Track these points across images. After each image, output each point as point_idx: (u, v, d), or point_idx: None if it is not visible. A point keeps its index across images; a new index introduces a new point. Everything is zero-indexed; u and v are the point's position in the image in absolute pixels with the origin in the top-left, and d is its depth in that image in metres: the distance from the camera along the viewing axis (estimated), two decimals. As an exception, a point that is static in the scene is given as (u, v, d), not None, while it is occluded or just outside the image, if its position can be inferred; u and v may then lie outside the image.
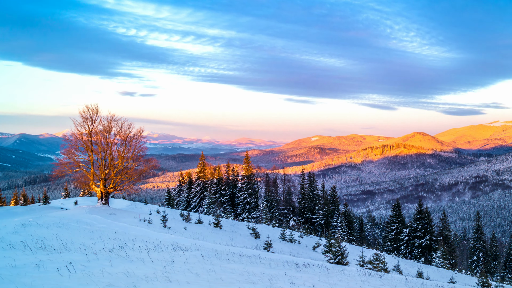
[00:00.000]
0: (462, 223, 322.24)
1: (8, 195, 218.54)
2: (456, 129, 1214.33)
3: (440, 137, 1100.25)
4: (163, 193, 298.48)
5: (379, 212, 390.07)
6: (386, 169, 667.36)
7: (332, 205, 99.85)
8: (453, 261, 79.25)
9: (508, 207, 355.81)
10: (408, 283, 24.00)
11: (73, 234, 25.15)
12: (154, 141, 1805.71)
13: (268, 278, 17.46)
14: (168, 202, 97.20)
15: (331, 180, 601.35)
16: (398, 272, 39.18)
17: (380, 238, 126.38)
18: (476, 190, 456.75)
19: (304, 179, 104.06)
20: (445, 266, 63.90)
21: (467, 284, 42.96)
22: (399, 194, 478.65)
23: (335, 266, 27.10)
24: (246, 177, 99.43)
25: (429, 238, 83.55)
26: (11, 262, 14.85)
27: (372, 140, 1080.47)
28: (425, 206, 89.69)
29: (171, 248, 23.23)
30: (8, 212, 51.02)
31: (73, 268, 14.66)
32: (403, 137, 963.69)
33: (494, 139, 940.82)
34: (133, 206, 73.75)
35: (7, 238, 21.05)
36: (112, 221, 36.35)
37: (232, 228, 57.21)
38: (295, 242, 55.29)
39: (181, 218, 57.24)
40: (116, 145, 56.02)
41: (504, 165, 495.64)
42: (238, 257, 23.61)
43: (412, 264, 65.01)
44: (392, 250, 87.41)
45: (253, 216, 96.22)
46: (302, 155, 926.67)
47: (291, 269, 22.07)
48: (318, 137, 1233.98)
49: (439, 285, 26.76)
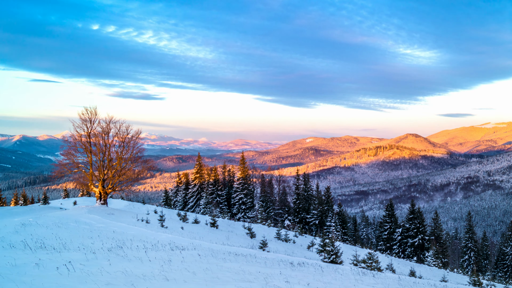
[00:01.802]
0: (454, 223, 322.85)
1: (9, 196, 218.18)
2: (448, 131, 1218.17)
3: (433, 138, 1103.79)
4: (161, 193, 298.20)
5: (373, 212, 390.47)
6: (379, 170, 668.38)
7: (327, 205, 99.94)
8: (445, 260, 79.41)
9: (499, 207, 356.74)
10: (401, 282, 24.03)
11: (72, 233, 25.12)
12: (151, 142, 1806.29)
13: (263, 277, 17.49)
14: (165, 202, 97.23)
15: (326, 180, 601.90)
16: (391, 271, 39.23)
17: (373, 237, 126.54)
18: (468, 191, 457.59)
19: (298, 180, 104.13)
20: (437, 265, 64.00)
21: (459, 282, 43.05)
22: (392, 195, 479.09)
23: (329, 265, 27.12)
24: (242, 178, 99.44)
25: (421, 237, 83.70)
26: (11, 261, 14.85)
27: (365, 141, 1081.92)
28: (417, 206, 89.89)
29: (168, 248, 23.23)
30: (9, 212, 50.87)
31: (72, 267, 14.67)
32: (396, 139, 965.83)
33: (485, 141, 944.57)
34: (131, 206, 73.66)
35: (7, 238, 21.02)
36: (110, 221, 36.30)
37: (228, 228, 57.23)
38: (290, 241, 55.29)
39: (178, 218, 57.24)
40: (115, 146, 55.99)
41: (495, 166, 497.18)
42: (234, 256, 23.62)
43: (405, 263, 65.06)
44: (385, 250, 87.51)
45: (249, 216, 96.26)
46: (297, 156, 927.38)
47: (286, 268, 22.09)
48: (313, 139, 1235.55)
49: (431, 283, 26.79)
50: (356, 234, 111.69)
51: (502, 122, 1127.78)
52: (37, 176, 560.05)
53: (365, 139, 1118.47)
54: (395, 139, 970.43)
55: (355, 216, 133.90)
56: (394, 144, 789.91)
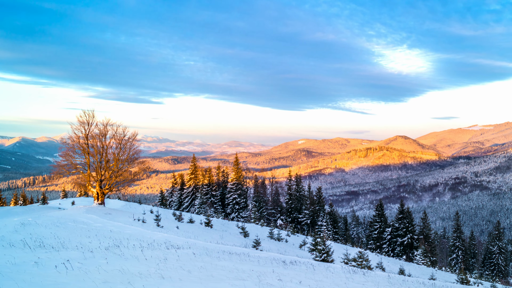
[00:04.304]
0: (442, 222, 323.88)
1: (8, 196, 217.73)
2: (437, 133, 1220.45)
3: (422, 140, 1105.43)
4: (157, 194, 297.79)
5: (363, 212, 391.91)
6: (369, 171, 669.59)
7: (318, 205, 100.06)
8: (433, 258, 79.59)
9: (486, 207, 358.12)
10: (390, 280, 24.12)
11: (70, 233, 25.09)
12: (147, 144, 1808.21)
13: (256, 275, 17.53)
14: (161, 202, 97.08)
15: (317, 181, 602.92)
16: (381, 269, 39.32)
17: (363, 236, 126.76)
18: (456, 191, 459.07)
19: (291, 181, 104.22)
20: (426, 264, 64.19)
21: (447, 280, 43.16)
22: (382, 195, 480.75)
23: (320, 263, 27.18)
24: (236, 178, 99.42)
25: (410, 236, 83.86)
26: (11, 260, 14.85)
27: (356, 143, 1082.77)
28: (406, 206, 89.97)
29: (164, 246, 23.23)
30: (8, 212, 50.72)
31: (71, 265, 14.68)
32: (386, 140, 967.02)
33: (473, 142, 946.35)
34: (128, 206, 73.51)
35: (7, 237, 20.98)
36: (107, 221, 36.26)
37: (223, 227, 57.20)
38: (283, 240, 55.30)
39: (173, 217, 57.18)
40: (112, 148, 55.95)
41: (482, 167, 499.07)
42: (228, 255, 23.65)
43: (394, 261, 65.15)
44: (375, 248, 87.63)
45: (243, 215, 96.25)
46: (289, 157, 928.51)
47: (278, 266, 22.14)
48: (305, 140, 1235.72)
49: (420, 281, 26.91)
50: (347, 234, 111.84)
51: (489, 124, 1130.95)
52: (36, 177, 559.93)
53: (356, 141, 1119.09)
54: (385, 140, 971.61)
55: (346, 216, 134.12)
56: (384, 145, 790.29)
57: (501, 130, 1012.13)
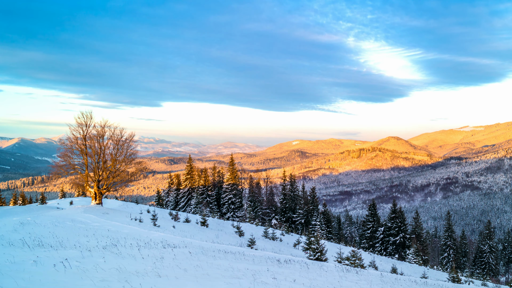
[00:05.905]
0: (434, 222, 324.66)
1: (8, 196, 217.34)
2: (428, 134, 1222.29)
3: (413, 141, 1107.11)
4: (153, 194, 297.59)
5: (356, 212, 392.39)
6: (362, 171, 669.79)
7: (312, 205, 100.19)
8: (425, 257, 79.82)
9: (477, 207, 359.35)
10: (383, 278, 24.19)
11: (68, 232, 25.07)
12: (144, 145, 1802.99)
13: (251, 274, 17.57)
14: (158, 202, 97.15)
15: (311, 181, 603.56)
16: (374, 268, 39.42)
17: (357, 236, 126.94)
18: (447, 191, 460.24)
19: (285, 181, 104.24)
20: (417, 262, 64.39)
21: (439, 279, 43.27)
22: (374, 195, 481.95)
23: (314, 262, 27.22)
24: (231, 179, 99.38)
25: (402, 236, 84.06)
26: (10, 259, 14.85)
27: (349, 144, 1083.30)
28: (399, 206, 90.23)
29: (160, 246, 23.24)
30: (8, 212, 50.67)
31: (69, 264, 14.70)
32: (379, 141, 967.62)
33: (464, 143, 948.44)
34: (125, 206, 73.42)
35: (6, 236, 20.96)
36: (105, 220, 36.21)
37: (218, 227, 57.26)
38: (277, 239, 55.37)
39: (170, 217, 57.20)
40: (109, 148, 55.84)
41: (473, 168, 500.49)
42: (224, 254, 23.67)
43: (387, 260, 65.31)
44: (368, 248, 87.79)
45: (238, 215, 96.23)
46: (284, 158, 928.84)
47: (273, 265, 22.17)
48: (299, 141, 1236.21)
49: (412, 280, 26.99)
50: (340, 233, 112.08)
51: (480, 126, 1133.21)
52: (35, 177, 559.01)
53: (349, 142, 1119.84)
54: (378, 141, 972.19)
55: (339, 216, 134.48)
56: (377, 146, 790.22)
57: (492, 131, 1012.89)
